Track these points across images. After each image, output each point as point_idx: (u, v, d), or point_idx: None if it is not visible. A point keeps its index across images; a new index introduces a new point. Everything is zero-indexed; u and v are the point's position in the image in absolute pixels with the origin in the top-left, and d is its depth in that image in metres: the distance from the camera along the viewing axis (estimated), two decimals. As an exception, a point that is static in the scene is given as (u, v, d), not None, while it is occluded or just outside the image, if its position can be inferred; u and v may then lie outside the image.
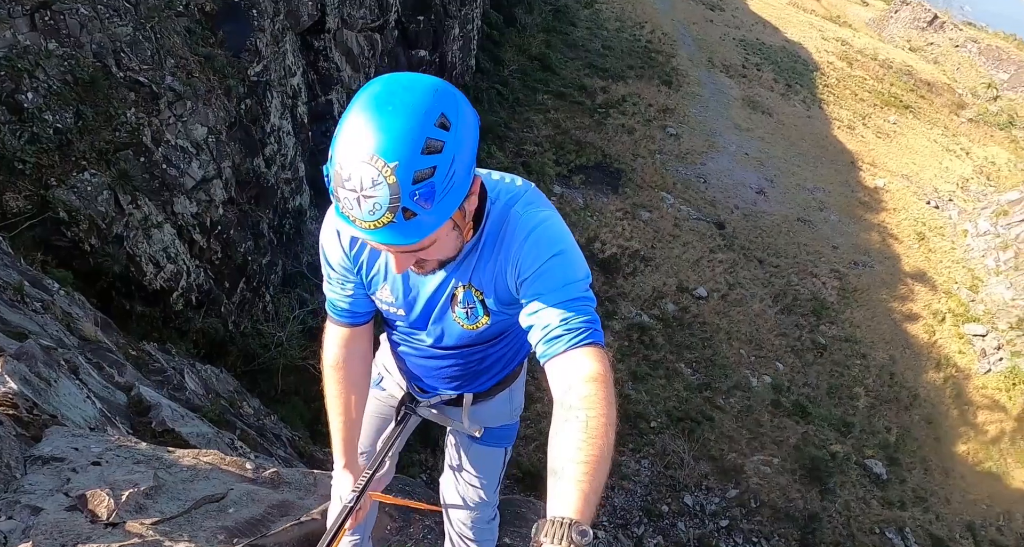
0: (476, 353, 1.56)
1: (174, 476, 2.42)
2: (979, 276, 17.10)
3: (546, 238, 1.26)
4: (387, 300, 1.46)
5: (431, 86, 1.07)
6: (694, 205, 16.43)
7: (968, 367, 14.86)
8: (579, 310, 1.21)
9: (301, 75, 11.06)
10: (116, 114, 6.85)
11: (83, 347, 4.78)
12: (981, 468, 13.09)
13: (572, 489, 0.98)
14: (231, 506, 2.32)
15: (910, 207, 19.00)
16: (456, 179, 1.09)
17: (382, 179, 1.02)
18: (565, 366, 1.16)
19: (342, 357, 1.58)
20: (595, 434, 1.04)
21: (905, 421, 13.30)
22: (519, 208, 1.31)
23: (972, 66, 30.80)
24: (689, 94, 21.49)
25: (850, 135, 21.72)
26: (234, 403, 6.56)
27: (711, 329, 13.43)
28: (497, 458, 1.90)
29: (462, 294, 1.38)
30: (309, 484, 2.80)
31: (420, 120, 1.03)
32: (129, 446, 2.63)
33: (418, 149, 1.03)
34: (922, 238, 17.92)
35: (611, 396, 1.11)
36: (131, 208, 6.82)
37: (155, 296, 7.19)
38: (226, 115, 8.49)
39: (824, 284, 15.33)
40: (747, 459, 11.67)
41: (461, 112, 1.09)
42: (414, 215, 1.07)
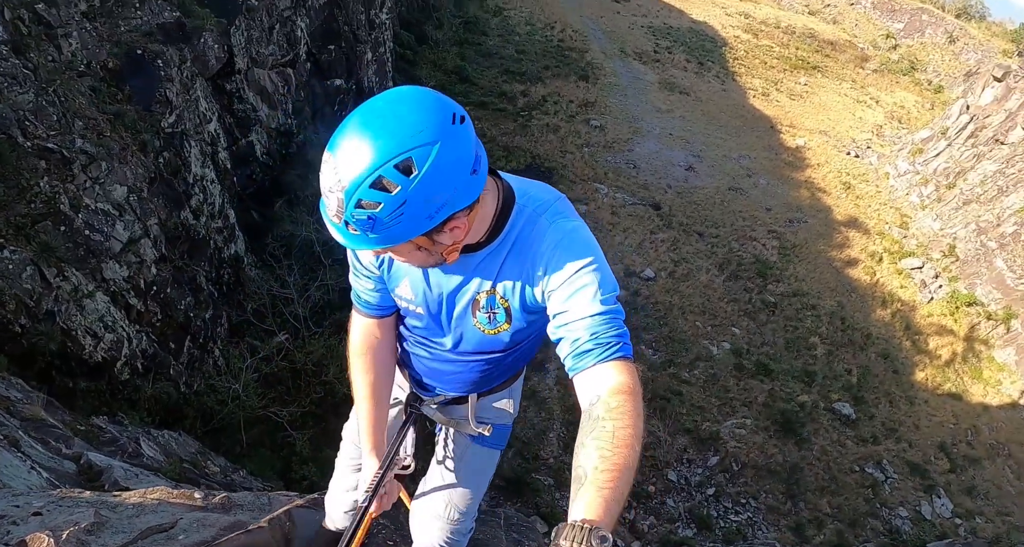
0: (492, 360, 1.56)
1: (119, 514, 2.36)
2: (907, 213, 17.90)
3: (576, 249, 1.26)
4: (406, 297, 1.46)
5: (421, 123, 1.07)
6: (628, 191, 16.79)
7: (912, 299, 15.49)
8: (608, 323, 1.21)
9: (217, 120, 10.82)
10: (29, 185, 6.64)
11: (25, 426, 4.63)
12: (941, 391, 13.64)
13: (595, 495, 0.98)
14: (181, 534, 2.26)
15: (832, 160, 19.78)
16: (405, 219, 1.11)
17: (335, 190, 1.09)
18: (594, 379, 1.17)
19: (367, 344, 1.60)
20: (621, 444, 1.05)
21: (863, 361, 13.77)
22: (549, 216, 1.31)
23: (869, 20, 32.37)
24: (607, 85, 22.00)
25: (766, 102, 22.55)
26: (197, 464, 6.36)
27: (664, 307, 13.70)
28: (493, 460, 1.88)
29: (485, 299, 1.38)
30: (262, 505, 2.73)
31: (382, 157, 1.05)
32: (73, 497, 2.57)
33: (367, 182, 1.07)
34: (848, 187, 18.66)
35: (639, 409, 1.12)
36: (58, 281, 6.61)
37: (98, 368, 6.96)
38: (145, 171, 8.29)
39: (764, 246, 15.81)
40: (721, 425, 11.91)
41: (439, 156, 1.08)
42: (355, 231, 1.13)
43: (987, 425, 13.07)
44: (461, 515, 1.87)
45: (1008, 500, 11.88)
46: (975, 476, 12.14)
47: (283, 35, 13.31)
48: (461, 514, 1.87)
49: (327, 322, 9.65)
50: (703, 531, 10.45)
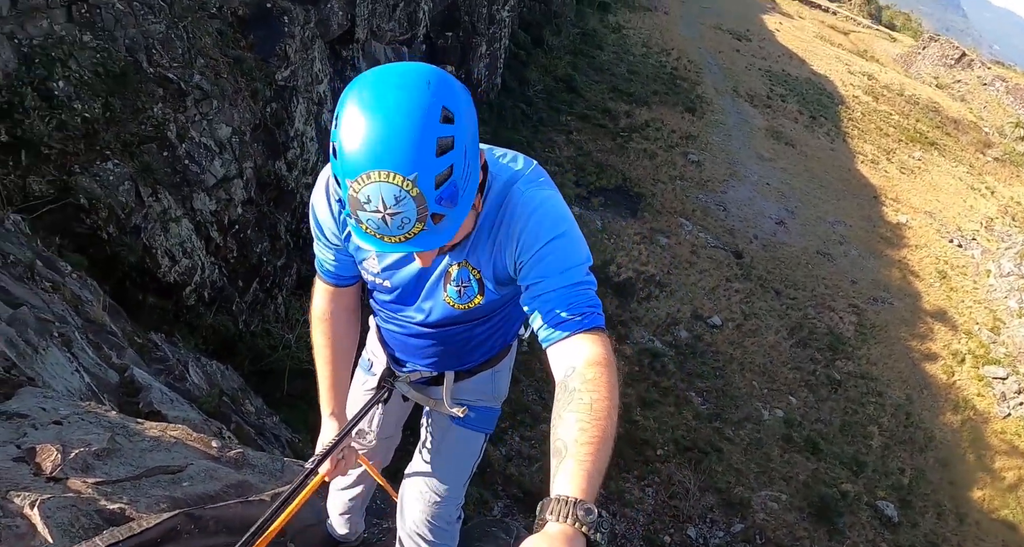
0: (461, 332, 1.51)
1: (133, 444, 2.35)
2: (1001, 318, 16.75)
3: (549, 219, 1.22)
4: (373, 270, 1.43)
5: (423, 80, 1.02)
6: (713, 232, 16.34)
7: (987, 410, 14.49)
8: (581, 294, 1.19)
9: (328, 83, 11.18)
10: (143, 108, 6.97)
11: (87, 328, 4.77)
12: (997, 516, 12.70)
13: (576, 468, 0.97)
14: (186, 480, 2.22)
15: (932, 244, 18.73)
16: (471, 167, 1.08)
17: (405, 194, 0.99)
18: (568, 350, 1.14)
19: (328, 310, 1.59)
20: (599, 416, 1.02)
21: (919, 463, 12.97)
22: (521, 185, 1.27)
23: (999, 105, 30.54)
24: (712, 122, 21.51)
25: (874, 170, 21.56)
26: (236, 399, 6.48)
27: (724, 359, 13.26)
28: (476, 444, 1.82)
29: (456, 272, 1.34)
30: (275, 470, 2.67)
31: (425, 121, 0.99)
32: (98, 413, 2.56)
33: (432, 153, 0.99)
34: (944, 277, 17.63)
35: (614, 379, 1.09)
36: (151, 200, 6.90)
37: (168, 289, 7.21)
38: (251, 117, 8.61)
39: (842, 319, 15.10)
40: (754, 493, 11.43)
41: (457, 96, 1.05)
42: (443, 217, 1.06)
43: (1039, 564, 12.11)
44: (441, 498, 1.79)
45: None
46: (1013, 615, 11.28)
47: (405, 14, 13.62)
48: (440, 497, 1.79)
49: (389, 290, 9.70)
50: (711, 597, 10.06)
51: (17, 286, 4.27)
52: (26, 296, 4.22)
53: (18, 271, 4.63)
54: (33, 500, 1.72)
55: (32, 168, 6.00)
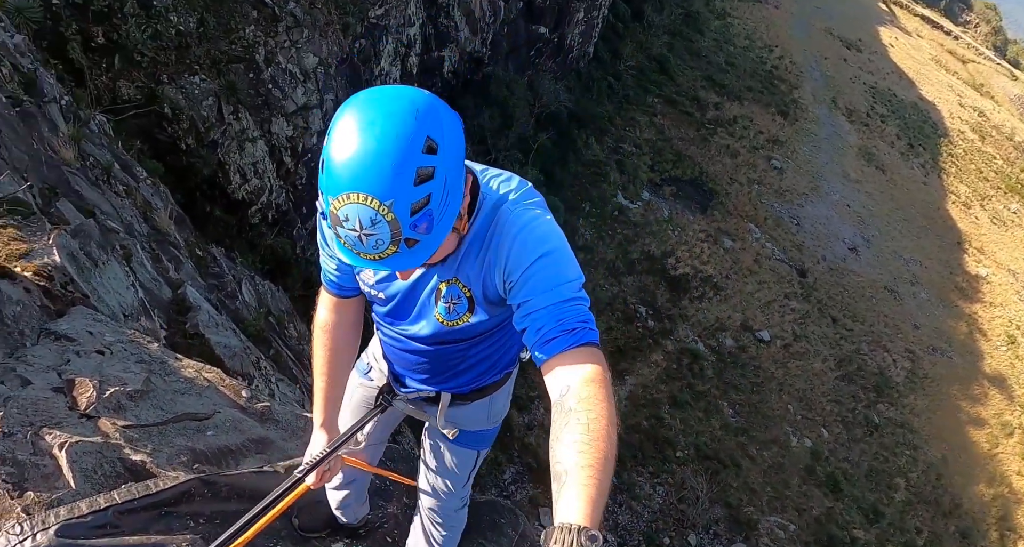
0: (455, 351, 1.53)
1: (168, 384, 2.41)
2: (1062, 398, 15.76)
3: (535, 237, 1.22)
4: (369, 283, 1.45)
5: (411, 107, 1.04)
6: (780, 245, 15.57)
7: (1023, 491, 13.73)
8: (573, 310, 1.17)
9: (419, 27, 11.04)
10: (236, 28, 7.07)
11: (151, 236, 4.85)
12: (1007, 599, 12.15)
13: (578, 494, 0.95)
14: (211, 429, 2.29)
15: (1009, 305, 17.61)
16: (451, 196, 1.08)
17: (380, 218, 1.02)
18: (561, 368, 1.12)
19: (330, 321, 1.61)
20: (597, 436, 1.00)
21: (939, 528, 12.39)
22: (509, 205, 1.27)
23: (1113, 174, 28.32)
24: (803, 130, 20.38)
25: (964, 213, 20.26)
26: (282, 322, 6.61)
27: (764, 375, 12.74)
28: (468, 459, 1.88)
29: (446, 289, 1.36)
30: (298, 427, 2.70)
31: (406, 151, 1.00)
32: (140, 343, 2.63)
33: (410, 182, 1.01)
34: (1012, 341, 16.59)
35: (610, 395, 1.08)
36: (231, 118, 7.05)
37: (235, 205, 7.42)
38: (339, 50, 8.57)
39: (895, 362, 14.35)
40: (763, 517, 11.06)
41: (444, 126, 1.05)
42: (417, 242, 1.07)
43: None
44: (443, 498, 1.93)
45: None
46: None
47: (507, -33, 13.10)
48: (443, 497, 1.93)
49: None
50: (696, 609, 9.84)
51: (91, 190, 4.26)
52: (98, 201, 4.20)
53: (95, 174, 4.65)
54: (63, 442, 1.78)
55: (123, 73, 6.19)
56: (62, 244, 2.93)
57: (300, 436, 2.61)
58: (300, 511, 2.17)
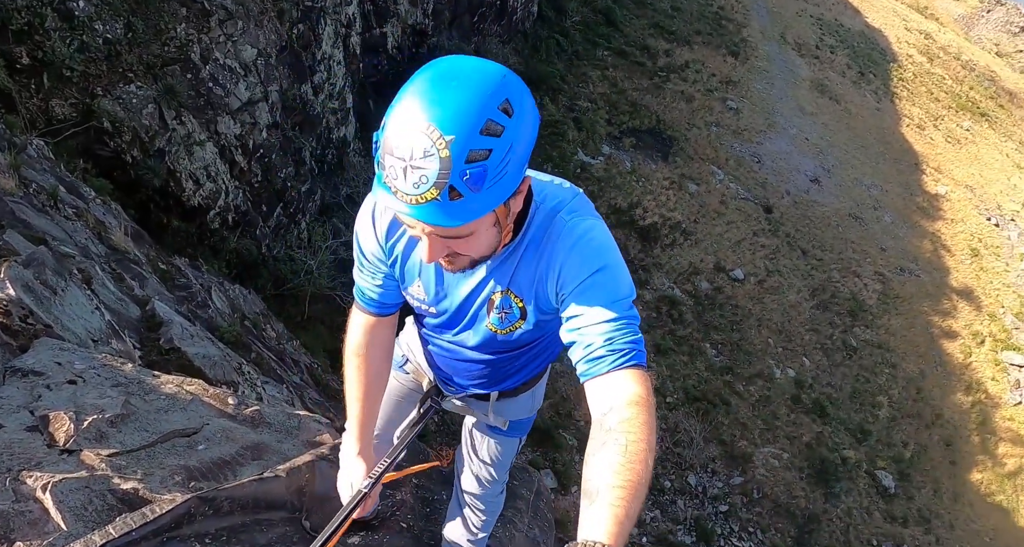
0: (507, 358, 1.53)
1: (149, 404, 2.35)
2: (1028, 303, 16.33)
3: (592, 249, 1.20)
4: (419, 297, 1.42)
5: (499, 71, 1.03)
6: (744, 184, 15.68)
7: (999, 395, 14.29)
8: (623, 329, 1.14)
9: (357, 4, 10.72)
10: (166, 28, 6.80)
11: (109, 257, 4.74)
12: (992, 500, 12.69)
13: (606, 513, 0.94)
14: (202, 443, 2.23)
15: (969, 220, 18.06)
16: (509, 169, 1.04)
17: (434, 151, 0.97)
18: (606, 388, 1.12)
19: (365, 344, 1.56)
20: (634, 459, 1.00)
21: (924, 439, 12.87)
22: (565, 215, 1.25)
23: (1060, 83, 28.94)
24: (755, 68, 20.35)
25: (919, 135, 20.57)
26: (258, 324, 6.53)
27: (742, 313, 12.94)
28: (512, 447, 1.93)
29: (499, 299, 1.34)
30: (291, 427, 2.65)
31: (484, 99, 0.98)
32: (114, 367, 2.54)
33: (478, 128, 0.98)
34: (976, 254, 17.06)
35: (652, 421, 1.07)
36: (175, 124, 6.82)
37: (192, 213, 7.22)
38: (277, 38, 8.29)
39: (866, 285, 14.67)
40: (757, 449, 11.36)
41: (525, 104, 1.04)
42: (459, 197, 1.01)
43: (1026, 551, 12.17)
44: (488, 485, 1.98)
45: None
46: (993, 597, 11.41)
47: (442, -66, 12.74)
48: (488, 484, 1.97)
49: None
50: (701, 543, 10.13)
51: (39, 217, 4.14)
52: (47, 227, 4.08)
53: (41, 200, 4.51)
54: (45, 482, 1.70)
55: (54, 91, 5.92)
56: (14, 276, 2.84)
57: (295, 436, 2.59)
58: (310, 513, 2.13)
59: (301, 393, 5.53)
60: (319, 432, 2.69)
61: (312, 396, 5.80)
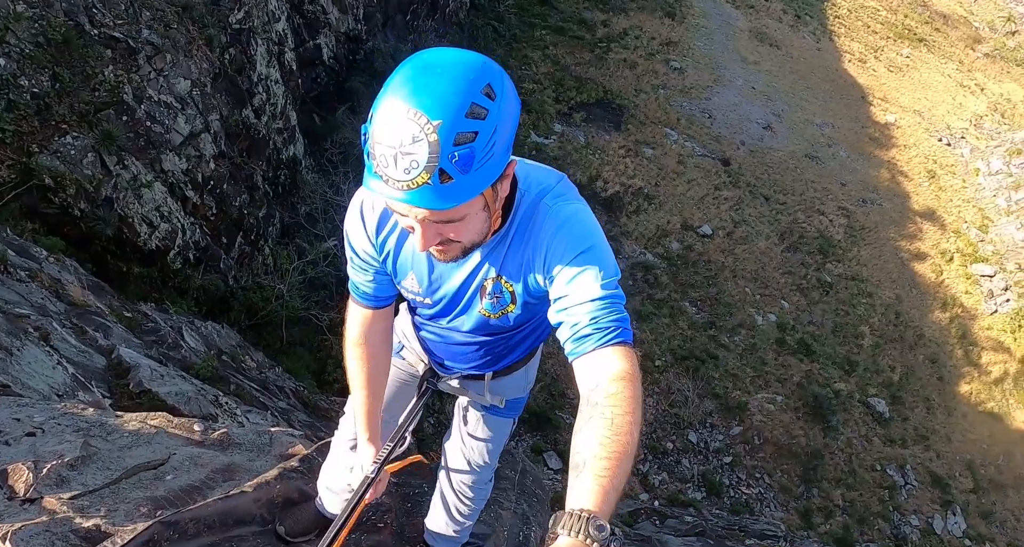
0: (500, 340, 1.58)
1: (112, 443, 2.35)
2: (989, 216, 16.71)
3: (576, 232, 1.25)
4: (413, 289, 1.47)
5: (479, 58, 1.09)
6: (699, 141, 15.82)
7: (974, 308, 14.65)
8: (608, 308, 1.19)
9: (286, 20, 10.58)
10: (94, 73, 6.70)
11: (69, 312, 4.72)
12: (983, 408, 13.06)
13: (592, 483, 0.97)
14: (170, 473, 2.24)
15: (921, 144, 18.39)
16: (495, 151, 1.08)
17: (423, 136, 1.01)
18: (593, 365, 1.16)
19: (364, 334, 1.60)
20: (620, 432, 1.04)
21: (909, 360, 13.17)
22: (549, 200, 1.30)
23: (989, -1, 29.43)
24: (693, 26, 20.44)
25: (861, 69, 20.85)
26: (236, 357, 6.53)
27: (716, 267, 13.11)
28: (507, 427, 1.95)
29: (491, 285, 1.39)
30: (263, 444, 2.67)
31: (467, 85, 1.03)
32: (75, 413, 2.55)
33: (463, 111, 1.02)
34: (932, 176, 17.41)
35: (638, 395, 1.11)
36: (118, 169, 6.73)
37: (151, 256, 7.16)
38: (209, 66, 8.20)
39: (831, 222, 14.93)
40: (751, 397, 11.56)
41: (507, 88, 1.09)
42: (450, 179, 1.05)
43: (1022, 453, 12.52)
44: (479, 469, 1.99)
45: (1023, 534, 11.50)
46: (996, 502, 11.75)
47: (361, -66, 12.62)
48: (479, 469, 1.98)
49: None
50: (712, 497, 10.31)
51: None
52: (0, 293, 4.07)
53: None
54: (5, 532, 1.70)
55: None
56: (-35, 343, 2.80)
57: (268, 452, 2.61)
58: (284, 518, 2.15)
59: (289, 417, 5.53)
60: (292, 444, 2.70)
61: (301, 418, 5.79)
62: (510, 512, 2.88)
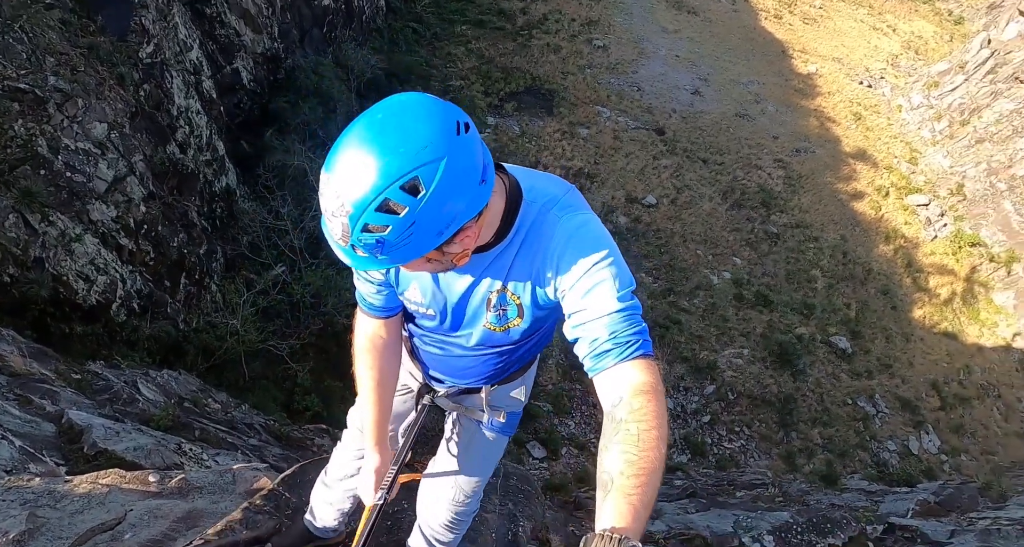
0: (504, 353, 1.55)
1: (61, 510, 2.27)
2: (917, 148, 17.35)
3: (588, 244, 1.23)
4: (416, 300, 1.44)
5: (425, 140, 1.03)
6: (631, 115, 16.04)
7: (915, 236, 15.22)
8: (627, 321, 1.17)
9: (199, 47, 10.33)
10: (3, 130, 6.44)
11: (11, 384, 4.57)
12: (938, 329, 13.59)
13: (622, 503, 0.96)
14: (128, 531, 2.17)
15: (844, 89, 18.98)
16: (415, 238, 1.07)
17: (339, 214, 1.05)
18: (615, 380, 1.14)
19: (372, 343, 1.59)
20: (646, 447, 1.02)
21: (862, 295, 13.62)
22: (557, 211, 1.27)
23: (887, -58, 30.45)
24: (611, 3, 20.69)
25: (778, 24, 21.41)
26: (198, 402, 6.36)
27: (665, 235, 13.34)
28: (500, 446, 1.88)
29: (496, 298, 1.36)
30: (225, 484, 2.62)
31: (386, 181, 1.01)
32: (20, 486, 2.49)
33: (373, 206, 1.02)
34: (859, 118, 17.99)
35: (663, 409, 1.10)
36: (44, 226, 6.45)
37: (93, 312, 6.88)
38: (125, 106, 7.94)
39: (769, 175, 15.32)
40: (719, 355, 11.82)
41: (448, 173, 1.04)
42: (364, 254, 1.09)
43: (980, 366, 13.10)
44: (466, 497, 1.89)
45: (994, 440, 12.04)
46: (964, 415, 12.25)
47: (264, -48, 12.36)
48: (466, 496, 1.89)
49: (323, 253, 9.30)
50: (697, 457, 10.52)
51: None
52: None
53: None
54: None
55: None
56: None
57: (232, 490, 2.56)
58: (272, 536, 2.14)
59: (261, 453, 5.41)
60: (256, 479, 2.66)
61: (275, 452, 5.66)
62: (495, 515, 2.82)
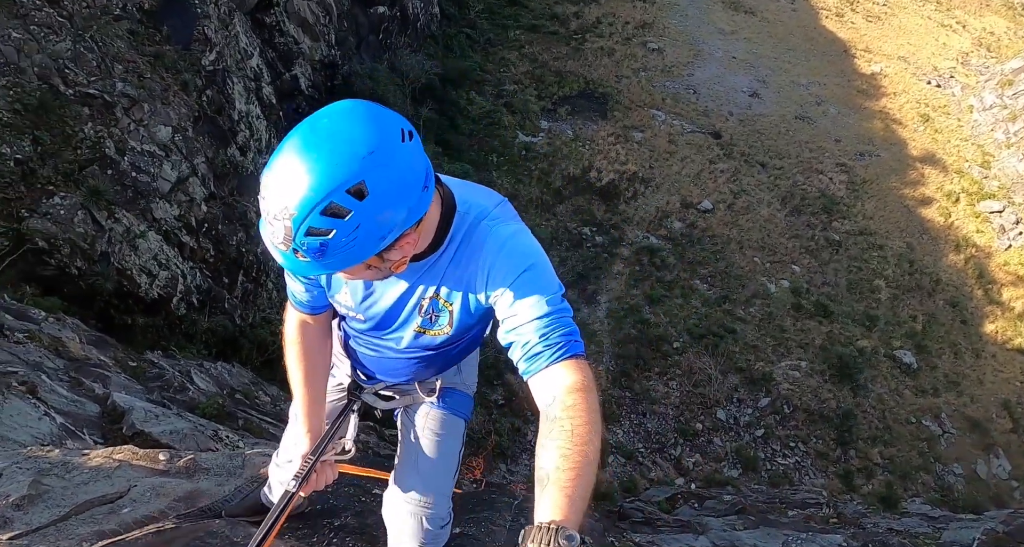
0: (437, 355, 1.58)
1: (68, 481, 2.33)
2: (989, 151, 16.49)
3: (517, 252, 1.27)
4: (346, 303, 1.47)
5: (365, 147, 1.04)
6: (687, 118, 15.78)
7: (988, 245, 14.47)
8: (556, 324, 1.21)
9: (259, 55, 10.74)
10: (74, 132, 6.79)
11: (68, 367, 4.80)
12: (1011, 345, 12.88)
13: (558, 495, 0.99)
14: (127, 505, 2.22)
15: (910, 89, 18.19)
16: (359, 242, 1.09)
17: (281, 217, 1.05)
18: (547, 381, 1.18)
19: (301, 333, 1.63)
20: (580, 441, 1.06)
21: (930, 307, 13.04)
22: (488, 222, 1.32)
23: (959, -67, 29.00)
24: (666, 5, 20.40)
25: (839, 23, 20.67)
26: (249, 394, 6.57)
27: (721, 241, 13.07)
28: (458, 429, 1.82)
29: (428, 303, 1.40)
30: (234, 467, 2.64)
31: (332, 184, 1.03)
32: (39, 456, 2.52)
33: (319, 209, 1.04)
34: (926, 119, 17.21)
35: (595, 404, 1.13)
36: (110, 223, 6.80)
37: (154, 305, 7.22)
38: (188, 111, 8.31)
39: (831, 179, 14.82)
40: (775, 366, 11.51)
41: (389, 178, 1.06)
42: (305, 258, 1.09)
43: (1058, 383, 12.36)
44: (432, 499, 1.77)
45: (1071, 465, 11.34)
46: (1038, 438, 11.59)
47: (322, -38, 12.72)
48: (432, 498, 1.77)
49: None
50: (749, 472, 10.28)
51: None
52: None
53: None
54: None
55: None
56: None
57: (239, 474, 2.59)
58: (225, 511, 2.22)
59: None
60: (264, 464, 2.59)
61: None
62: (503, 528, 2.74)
